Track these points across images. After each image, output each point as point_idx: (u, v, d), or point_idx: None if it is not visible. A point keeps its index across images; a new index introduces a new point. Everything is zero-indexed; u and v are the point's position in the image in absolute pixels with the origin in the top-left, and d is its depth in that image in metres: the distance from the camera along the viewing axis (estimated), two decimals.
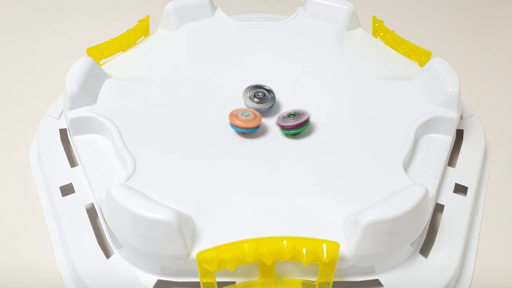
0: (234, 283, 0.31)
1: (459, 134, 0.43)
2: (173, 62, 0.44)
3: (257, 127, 0.38)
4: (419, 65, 0.44)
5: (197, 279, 0.31)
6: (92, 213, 0.36)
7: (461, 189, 0.38)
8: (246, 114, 0.38)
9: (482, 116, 0.47)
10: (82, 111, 0.38)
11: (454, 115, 0.39)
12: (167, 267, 0.32)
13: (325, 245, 0.29)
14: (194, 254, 0.31)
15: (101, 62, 0.43)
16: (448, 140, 0.39)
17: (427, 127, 0.39)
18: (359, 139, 0.38)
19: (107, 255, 0.34)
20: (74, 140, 0.39)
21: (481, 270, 0.36)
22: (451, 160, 0.40)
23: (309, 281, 0.31)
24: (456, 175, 0.39)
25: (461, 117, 0.44)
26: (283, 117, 0.38)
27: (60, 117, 0.43)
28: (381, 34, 0.48)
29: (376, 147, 0.37)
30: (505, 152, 0.45)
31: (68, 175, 0.38)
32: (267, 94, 0.40)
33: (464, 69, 0.52)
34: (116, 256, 0.34)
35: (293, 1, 0.58)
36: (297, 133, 0.38)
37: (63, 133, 0.42)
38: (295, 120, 0.37)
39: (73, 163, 0.39)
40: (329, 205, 0.33)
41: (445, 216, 0.36)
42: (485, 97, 0.50)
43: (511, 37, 0.59)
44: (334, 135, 0.38)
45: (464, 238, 0.36)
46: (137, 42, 0.47)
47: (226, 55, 0.45)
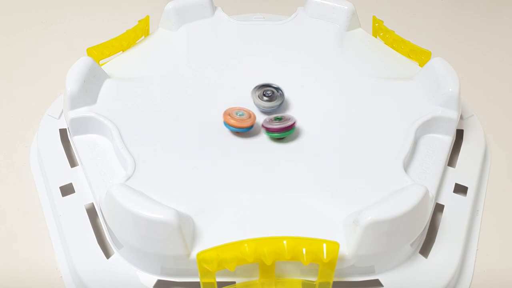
0: (234, 283, 0.31)
1: (459, 134, 0.43)
2: (173, 62, 0.44)
3: (251, 127, 0.38)
4: (419, 65, 0.44)
5: (197, 279, 0.31)
6: (92, 213, 0.36)
7: (461, 189, 0.38)
8: (240, 113, 0.38)
9: (482, 116, 0.47)
10: (82, 111, 0.38)
11: (454, 115, 0.39)
12: (167, 267, 0.32)
13: (325, 245, 0.29)
14: (194, 254, 0.31)
15: (101, 62, 0.43)
16: (448, 140, 0.39)
17: (427, 127, 0.39)
18: (359, 139, 0.38)
19: (107, 255, 0.34)
20: (74, 140, 0.39)
21: (481, 270, 0.36)
22: (451, 160, 0.40)
23: (309, 281, 0.31)
24: (456, 175, 0.39)
25: (461, 117, 0.44)
26: (270, 119, 0.38)
27: (60, 117, 0.43)
28: (381, 34, 0.48)
29: (376, 147, 0.37)
30: (505, 152, 0.45)
31: (68, 175, 0.38)
32: (275, 92, 0.40)
33: (464, 69, 0.52)
34: (116, 256, 0.34)
35: (293, 1, 0.58)
36: (281, 137, 0.38)
37: (63, 133, 0.42)
38: (280, 123, 0.37)
39: (73, 163, 0.39)
40: (329, 205, 0.33)
41: (445, 216, 0.36)
42: (485, 97, 0.50)
43: (511, 37, 0.59)
44: (334, 135, 0.38)
45: (464, 238, 0.36)
46: (137, 42, 0.47)
47: (226, 55, 0.45)
